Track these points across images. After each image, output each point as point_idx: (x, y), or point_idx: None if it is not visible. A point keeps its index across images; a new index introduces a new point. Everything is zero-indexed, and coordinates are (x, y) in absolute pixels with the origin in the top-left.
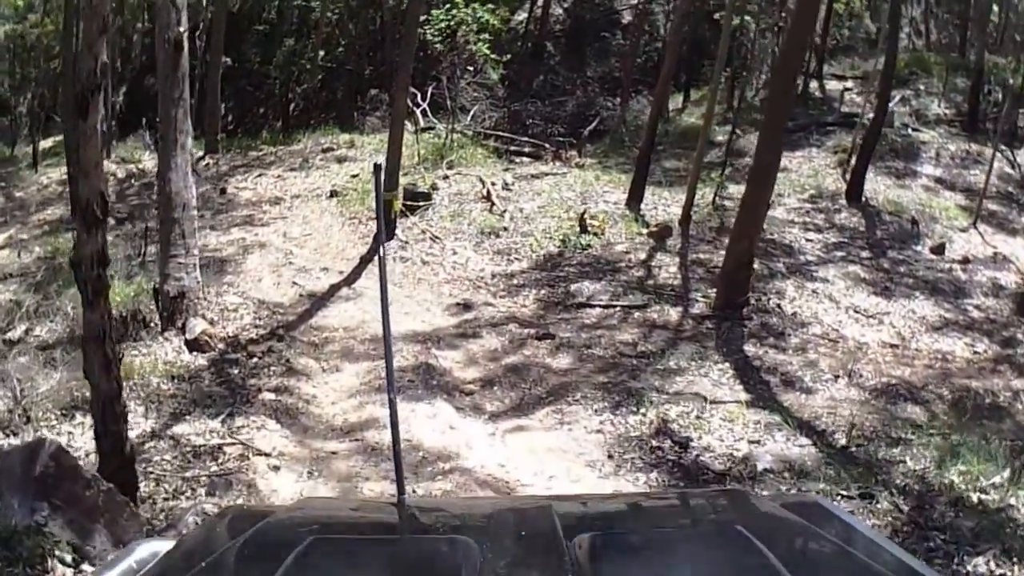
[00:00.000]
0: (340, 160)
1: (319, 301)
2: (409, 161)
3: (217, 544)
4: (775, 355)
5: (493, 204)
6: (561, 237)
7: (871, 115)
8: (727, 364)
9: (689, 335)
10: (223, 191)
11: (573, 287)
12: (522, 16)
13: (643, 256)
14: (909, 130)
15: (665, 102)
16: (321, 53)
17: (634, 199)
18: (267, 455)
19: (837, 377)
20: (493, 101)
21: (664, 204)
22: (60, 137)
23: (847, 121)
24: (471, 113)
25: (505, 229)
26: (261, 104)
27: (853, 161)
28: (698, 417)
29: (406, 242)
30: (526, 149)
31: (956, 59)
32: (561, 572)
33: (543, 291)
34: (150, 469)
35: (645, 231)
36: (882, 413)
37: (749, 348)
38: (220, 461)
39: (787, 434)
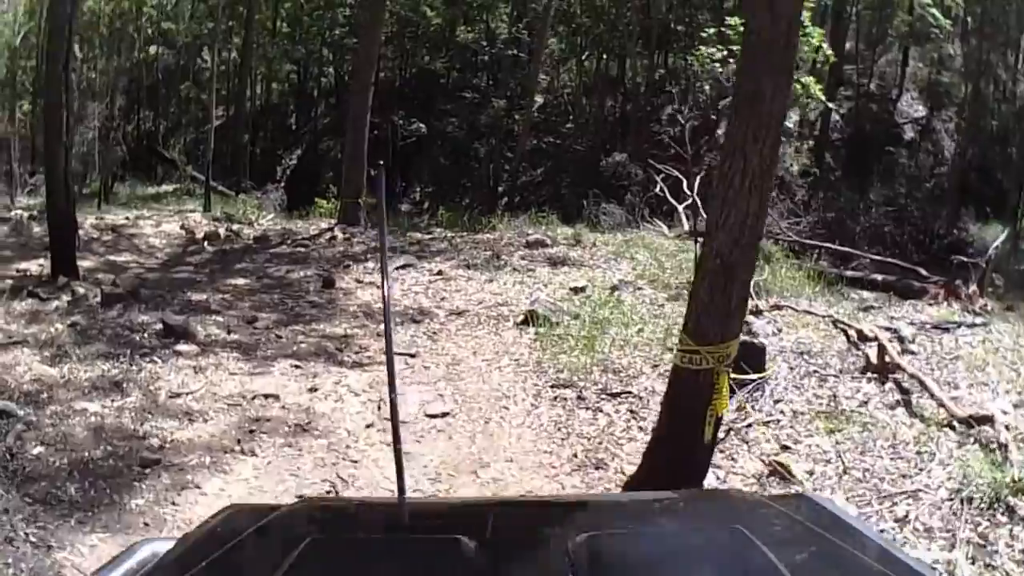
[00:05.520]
0: (554, 263)
1: None
2: (676, 279)
3: (217, 544)
4: None
5: (901, 388)
6: None
7: None
8: None
9: None
10: (328, 283)
11: None
12: (793, 117)
13: None
14: None
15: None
16: (537, 131)
17: None
18: None
19: None
20: (792, 206)
21: None
22: (175, 185)
23: None
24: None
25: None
26: (465, 192)
27: None
28: None
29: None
30: (877, 278)
31: None
32: (561, 572)
33: None
34: None
35: None
36: None
37: None
38: None
39: None
